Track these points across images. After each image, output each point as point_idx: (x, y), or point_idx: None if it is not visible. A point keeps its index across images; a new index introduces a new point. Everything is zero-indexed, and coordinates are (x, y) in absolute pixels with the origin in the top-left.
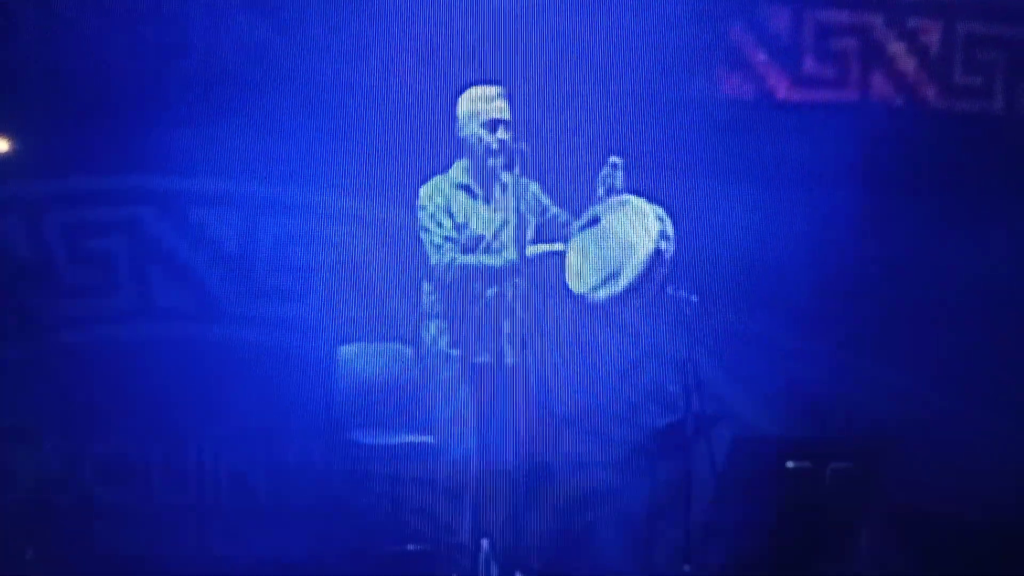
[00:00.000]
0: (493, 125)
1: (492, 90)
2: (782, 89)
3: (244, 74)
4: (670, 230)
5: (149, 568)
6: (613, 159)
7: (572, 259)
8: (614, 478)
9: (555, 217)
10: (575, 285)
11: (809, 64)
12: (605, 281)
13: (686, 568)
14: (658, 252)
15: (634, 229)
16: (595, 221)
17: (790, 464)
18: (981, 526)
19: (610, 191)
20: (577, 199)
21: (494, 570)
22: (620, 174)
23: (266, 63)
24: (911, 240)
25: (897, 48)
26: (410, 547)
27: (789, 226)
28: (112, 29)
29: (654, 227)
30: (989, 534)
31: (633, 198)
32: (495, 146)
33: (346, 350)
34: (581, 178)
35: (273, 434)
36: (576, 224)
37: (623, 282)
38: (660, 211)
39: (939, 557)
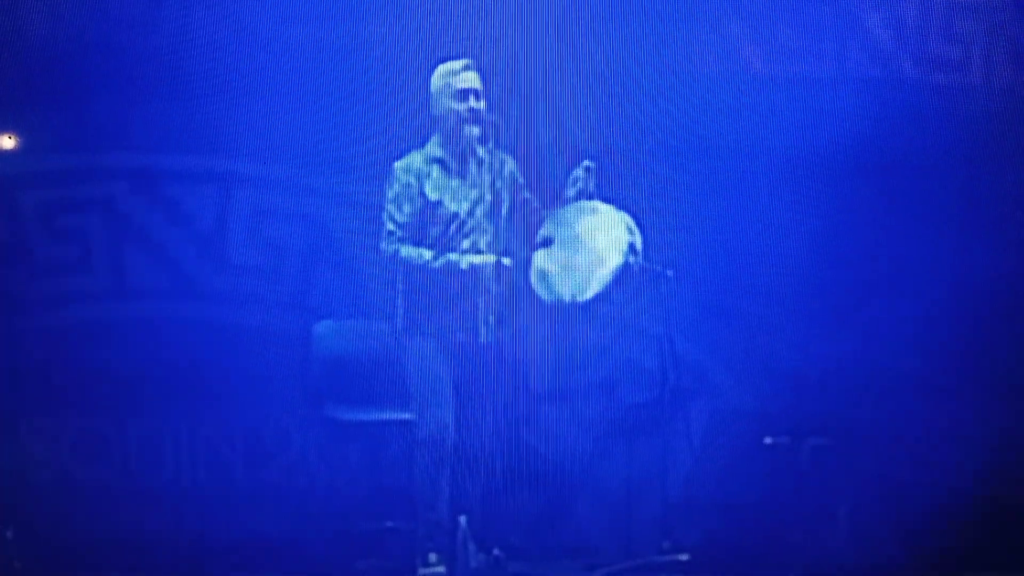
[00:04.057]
0: (463, 95)
1: (460, 63)
2: (757, 63)
3: (218, 49)
4: (639, 243)
5: (128, 546)
6: (586, 163)
7: (538, 262)
8: (591, 455)
9: (527, 202)
10: (539, 288)
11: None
12: (571, 289)
13: (664, 544)
14: (626, 266)
15: (603, 240)
16: (563, 226)
17: (768, 440)
18: (961, 502)
19: (580, 194)
20: (548, 178)
21: (472, 547)
22: (593, 178)
23: (241, 38)
24: (887, 214)
25: (873, 19)
26: (388, 524)
27: (765, 201)
28: (84, 5)
29: (624, 239)
30: (968, 509)
31: (603, 206)
32: (466, 114)
33: (322, 326)
34: (553, 157)
35: (249, 411)
36: (544, 226)
37: (590, 292)
38: (630, 221)
39: (918, 534)
